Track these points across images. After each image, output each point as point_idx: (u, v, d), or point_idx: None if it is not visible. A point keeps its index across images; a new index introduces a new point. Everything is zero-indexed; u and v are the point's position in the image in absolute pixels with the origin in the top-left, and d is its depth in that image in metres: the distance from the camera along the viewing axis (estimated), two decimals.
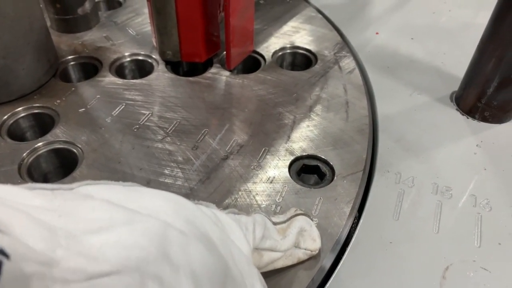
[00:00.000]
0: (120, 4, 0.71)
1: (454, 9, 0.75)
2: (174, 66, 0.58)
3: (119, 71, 0.57)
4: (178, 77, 0.55)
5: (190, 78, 0.55)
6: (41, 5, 0.51)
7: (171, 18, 0.52)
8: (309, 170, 0.45)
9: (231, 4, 0.48)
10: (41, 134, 0.46)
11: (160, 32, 0.54)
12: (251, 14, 0.55)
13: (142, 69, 0.58)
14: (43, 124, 0.48)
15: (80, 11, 0.60)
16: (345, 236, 0.39)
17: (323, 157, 0.44)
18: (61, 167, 0.46)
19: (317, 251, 0.34)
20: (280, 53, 0.61)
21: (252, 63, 0.60)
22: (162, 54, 0.56)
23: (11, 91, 0.49)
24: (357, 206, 0.41)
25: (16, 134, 0.47)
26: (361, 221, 0.40)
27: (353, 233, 0.39)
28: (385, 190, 0.43)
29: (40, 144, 0.44)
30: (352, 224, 0.40)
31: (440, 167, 0.46)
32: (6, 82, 0.48)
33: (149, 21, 0.64)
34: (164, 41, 0.54)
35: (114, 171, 0.42)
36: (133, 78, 0.59)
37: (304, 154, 0.45)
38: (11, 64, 0.47)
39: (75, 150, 0.44)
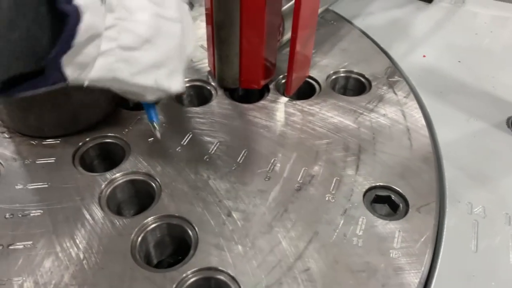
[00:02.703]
0: None
1: (495, 29, 0.76)
2: (230, 92, 0.58)
3: (178, 98, 0.57)
4: (239, 104, 0.55)
5: (251, 105, 0.55)
6: None
7: (234, 48, 0.52)
8: (381, 200, 0.45)
9: (299, 35, 0.49)
10: (111, 164, 0.47)
11: (221, 60, 0.54)
12: (312, 41, 0.56)
13: (201, 95, 0.59)
14: (113, 154, 0.49)
15: None
16: (428, 271, 0.39)
17: (395, 187, 0.45)
18: (136, 197, 0.46)
19: None
20: (333, 77, 0.61)
21: (306, 88, 0.60)
22: (221, 81, 0.57)
23: (79, 122, 0.49)
24: (435, 239, 0.42)
25: (86, 164, 0.48)
26: (440, 254, 0.41)
27: (435, 267, 0.40)
28: (459, 221, 0.44)
29: (117, 175, 0.45)
30: (432, 258, 0.40)
31: (508, 196, 0.46)
32: (74, 113, 0.48)
33: (201, 44, 0.65)
34: (224, 69, 0.55)
35: (193, 204, 0.42)
36: (191, 104, 0.59)
37: (377, 184, 0.45)
38: (82, 97, 0.47)
39: (151, 182, 0.44)
